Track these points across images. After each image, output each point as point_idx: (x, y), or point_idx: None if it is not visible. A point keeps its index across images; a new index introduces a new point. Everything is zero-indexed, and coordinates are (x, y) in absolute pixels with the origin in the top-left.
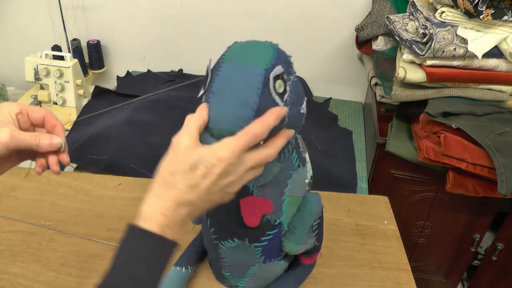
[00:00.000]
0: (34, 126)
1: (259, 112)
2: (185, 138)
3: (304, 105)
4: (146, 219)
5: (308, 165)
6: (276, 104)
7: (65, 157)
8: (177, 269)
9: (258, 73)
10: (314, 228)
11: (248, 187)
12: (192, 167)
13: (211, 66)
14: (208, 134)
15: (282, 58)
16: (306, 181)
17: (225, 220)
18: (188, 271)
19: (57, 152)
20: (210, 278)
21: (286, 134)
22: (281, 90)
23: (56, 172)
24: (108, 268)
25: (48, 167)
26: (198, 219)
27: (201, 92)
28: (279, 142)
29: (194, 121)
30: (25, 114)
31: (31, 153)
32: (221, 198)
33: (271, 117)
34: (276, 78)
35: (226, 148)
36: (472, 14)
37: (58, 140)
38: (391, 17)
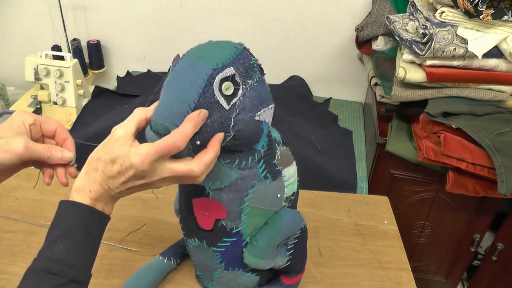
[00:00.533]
0: (44, 137)
1: (197, 110)
2: (120, 130)
3: (261, 113)
4: (78, 190)
5: (289, 180)
6: (219, 105)
7: (73, 171)
8: (159, 258)
9: (205, 71)
10: (289, 247)
11: (204, 188)
12: (111, 161)
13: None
14: (149, 127)
15: (242, 61)
16: (279, 195)
17: (188, 217)
18: (170, 262)
19: (65, 165)
20: (189, 275)
21: (216, 143)
22: (229, 92)
23: (64, 184)
24: (44, 243)
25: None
26: (177, 212)
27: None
28: (206, 157)
29: (136, 115)
30: (38, 125)
31: (38, 162)
32: (145, 190)
33: (188, 125)
34: (225, 79)
35: (138, 155)
36: (472, 14)
37: (69, 154)
38: (391, 17)
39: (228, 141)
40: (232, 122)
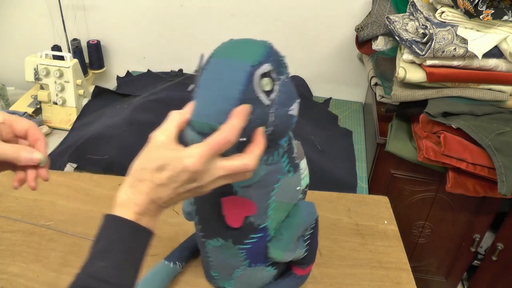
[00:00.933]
0: (17, 137)
1: None
2: (161, 136)
3: (294, 107)
4: (121, 206)
5: (304, 173)
6: (260, 102)
7: (44, 173)
8: (165, 263)
9: (244, 69)
10: (305, 238)
11: (232, 186)
12: (160, 168)
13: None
14: (190, 128)
15: (272, 57)
16: (298, 188)
17: (211, 218)
18: (176, 266)
19: (36, 166)
20: (198, 276)
21: (261, 136)
22: (267, 88)
23: (32, 187)
24: (87, 256)
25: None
26: (190, 215)
27: (191, 86)
28: (256, 150)
29: (174, 118)
30: (8, 125)
31: (9, 164)
32: (194, 195)
33: (236, 119)
34: (264, 75)
35: (191, 157)
36: (472, 14)
37: (39, 156)
38: (391, 17)
39: (266, 136)
40: (271, 118)
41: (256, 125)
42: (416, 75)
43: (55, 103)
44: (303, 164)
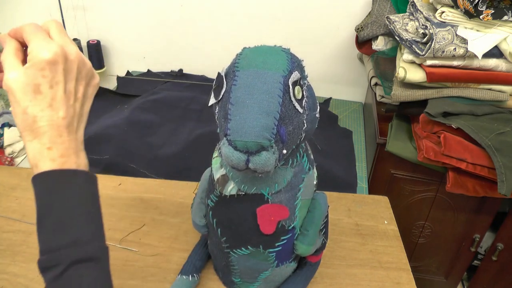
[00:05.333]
0: None
1: (281, 120)
2: (13, 73)
3: (318, 109)
4: (37, 160)
5: (314, 167)
6: (297, 111)
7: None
8: (183, 277)
9: (277, 80)
10: (321, 227)
11: (263, 195)
12: (35, 91)
13: (222, 74)
14: (232, 148)
15: (296, 63)
16: (314, 182)
17: (239, 229)
18: (195, 279)
19: None
20: (218, 284)
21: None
22: (299, 96)
23: None
24: (40, 238)
25: None
26: (205, 228)
27: (212, 100)
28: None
29: (9, 49)
30: None
31: None
32: (87, 84)
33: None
34: (295, 84)
35: (46, 50)
36: (472, 14)
37: None
38: (391, 17)
39: (298, 143)
40: (305, 124)
41: (295, 134)
42: (416, 75)
43: None
44: (312, 158)
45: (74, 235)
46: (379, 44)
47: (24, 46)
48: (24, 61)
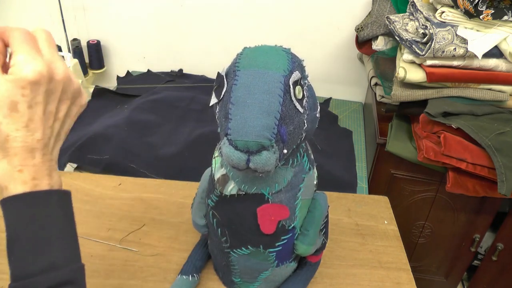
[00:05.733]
0: None
1: (282, 120)
2: None
3: (319, 109)
4: (7, 187)
5: (314, 167)
6: (297, 111)
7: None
8: (183, 277)
9: (277, 79)
10: (321, 227)
11: (263, 195)
12: (11, 107)
13: (223, 73)
14: (232, 147)
15: (296, 63)
16: (315, 182)
17: (239, 229)
18: (195, 279)
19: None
20: (218, 284)
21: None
22: (300, 96)
23: None
24: (12, 264)
25: None
26: (205, 228)
27: (214, 100)
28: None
29: None
30: None
31: None
32: (69, 107)
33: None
34: (295, 84)
35: (26, 69)
36: (472, 14)
37: None
38: (391, 17)
39: (299, 142)
40: (306, 124)
41: (295, 134)
42: (416, 75)
43: None
44: (312, 158)
45: (48, 259)
46: (379, 44)
47: (7, 46)
48: (4, 67)
